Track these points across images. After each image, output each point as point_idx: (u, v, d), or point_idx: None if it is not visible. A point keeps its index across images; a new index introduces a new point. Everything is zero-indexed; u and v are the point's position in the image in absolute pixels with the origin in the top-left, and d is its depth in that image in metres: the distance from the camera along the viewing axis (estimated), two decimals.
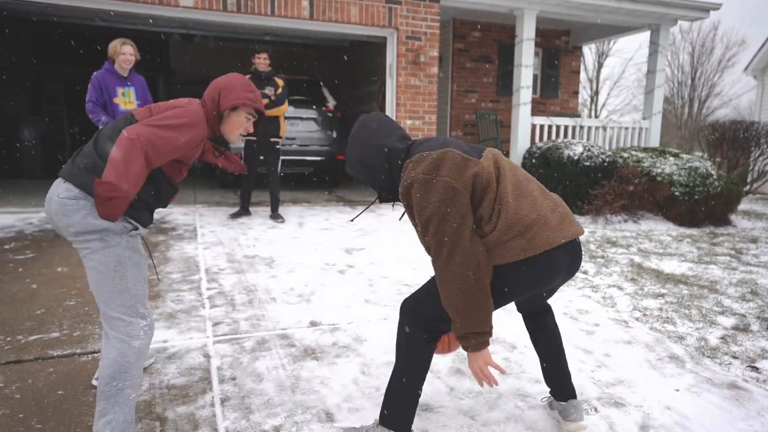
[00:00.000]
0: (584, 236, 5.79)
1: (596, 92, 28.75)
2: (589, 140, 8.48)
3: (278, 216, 5.98)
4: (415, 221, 1.84)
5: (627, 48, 42.95)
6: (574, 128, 8.46)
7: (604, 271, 4.55)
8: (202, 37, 10.56)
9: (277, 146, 5.87)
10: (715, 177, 6.95)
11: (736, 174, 8.74)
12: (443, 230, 1.72)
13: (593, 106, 28.77)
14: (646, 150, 7.68)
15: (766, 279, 4.42)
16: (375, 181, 1.97)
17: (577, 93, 11.60)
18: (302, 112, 7.83)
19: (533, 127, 8.31)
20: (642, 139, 8.94)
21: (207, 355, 2.74)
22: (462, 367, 2.72)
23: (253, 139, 5.67)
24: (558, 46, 11.04)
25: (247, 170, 5.83)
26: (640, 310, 3.63)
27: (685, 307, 3.71)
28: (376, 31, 7.38)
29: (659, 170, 6.94)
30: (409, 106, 7.57)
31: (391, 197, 1.99)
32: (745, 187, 9.72)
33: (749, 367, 2.85)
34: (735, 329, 3.35)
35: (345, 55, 10.57)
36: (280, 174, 6.12)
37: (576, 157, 6.95)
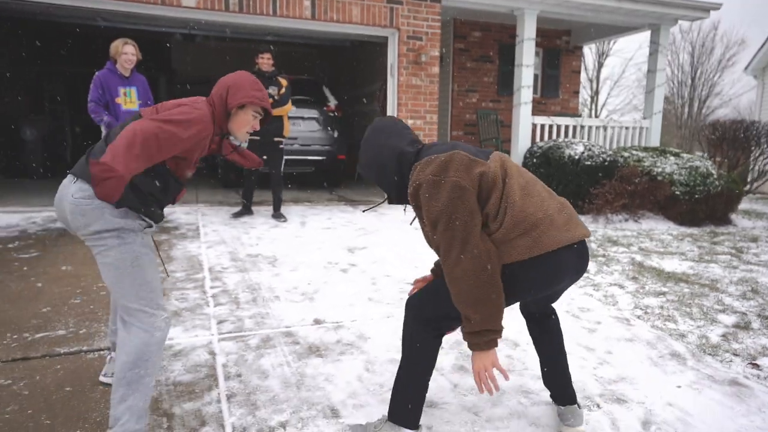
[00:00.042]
0: None
1: (596, 92, 28.79)
2: (589, 140, 8.50)
3: (280, 215, 6.01)
4: (424, 221, 1.86)
5: (627, 48, 43.04)
6: (574, 128, 8.48)
7: (606, 269, 4.57)
8: (203, 37, 10.59)
9: (281, 146, 5.89)
10: (715, 176, 6.97)
11: (737, 173, 8.76)
12: (453, 228, 1.74)
13: (593, 106, 28.81)
14: (646, 149, 7.71)
15: (767, 277, 4.45)
16: (385, 183, 2.00)
17: (577, 93, 11.63)
18: (304, 112, 7.85)
19: (534, 126, 8.34)
20: (642, 139, 8.97)
21: (212, 353, 2.76)
22: (465, 365, 2.74)
23: (257, 139, 5.68)
24: (558, 46, 11.06)
25: (249, 170, 5.89)
26: (641, 309, 3.66)
27: (686, 306, 3.73)
28: (377, 30, 7.41)
29: (660, 170, 6.97)
30: (410, 106, 7.60)
31: (401, 199, 2.02)
32: (745, 187, 9.74)
33: (750, 364, 2.87)
34: (736, 327, 3.37)
35: (346, 55, 10.60)
36: (282, 173, 6.13)
37: (577, 157, 6.98)
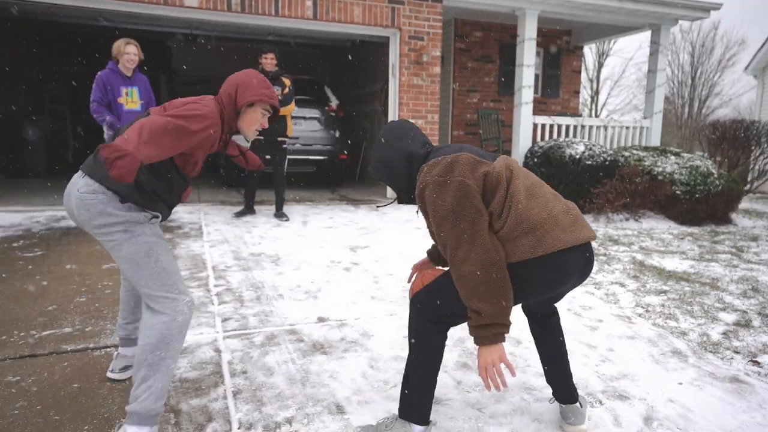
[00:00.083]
0: None
1: (597, 92, 28.81)
2: (590, 139, 8.53)
3: (283, 214, 6.03)
4: (430, 221, 1.88)
5: (627, 48, 43.06)
6: (575, 127, 8.51)
7: (607, 268, 4.60)
8: (204, 37, 10.61)
9: (284, 145, 5.92)
10: (715, 176, 7.00)
11: (737, 173, 8.79)
12: (460, 225, 1.76)
13: (594, 106, 28.83)
14: (647, 149, 7.74)
15: (767, 276, 4.47)
16: (395, 183, 2.04)
17: (578, 92, 11.66)
18: (305, 112, 7.87)
19: (535, 126, 8.36)
20: (643, 139, 8.99)
21: (218, 350, 2.79)
22: (468, 362, 2.76)
23: (261, 138, 5.71)
24: (559, 46, 11.09)
25: (252, 169, 5.91)
26: (642, 307, 3.68)
27: (687, 304, 3.75)
28: (379, 31, 7.43)
29: (660, 169, 6.99)
30: (411, 106, 7.62)
31: (410, 199, 2.05)
32: (745, 186, 9.77)
33: (751, 361, 2.90)
34: (736, 325, 3.40)
35: (347, 55, 10.62)
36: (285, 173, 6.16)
37: (578, 156, 7.00)
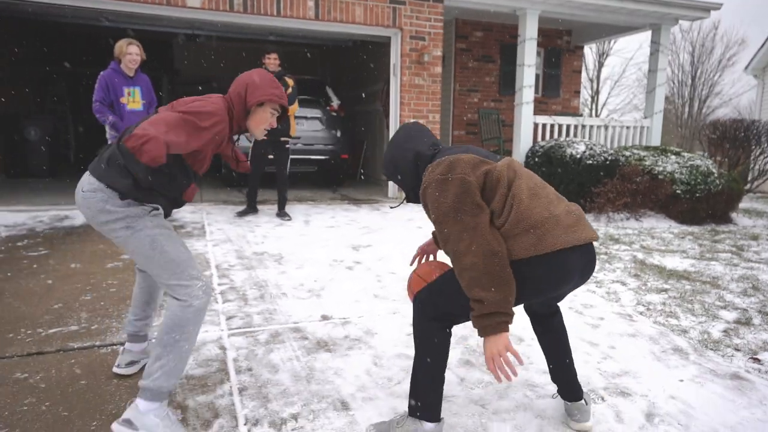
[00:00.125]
0: None
1: (597, 92, 28.81)
2: (591, 139, 8.55)
3: (285, 214, 6.06)
4: (432, 218, 1.91)
5: (627, 47, 43.07)
6: (576, 127, 8.53)
7: (608, 267, 4.62)
8: (206, 37, 10.63)
9: (287, 145, 5.94)
10: (716, 175, 7.02)
11: (737, 172, 8.81)
12: (462, 220, 1.79)
13: (594, 106, 28.84)
14: (647, 148, 7.76)
15: (767, 275, 4.49)
16: (404, 183, 2.09)
17: (578, 92, 11.68)
18: (307, 112, 7.90)
19: (535, 126, 8.39)
20: (643, 138, 9.02)
21: (222, 347, 2.81)
22: (471, 359, 2.79)
23: (264, 138, 5.73)
24: (560, 46, 11.11)
25: (254, 169, 5.94)
26: (643, 305, 3.71)
27: (687, 302, 3.78)
28: (380, 31, 7.45)
29: (661, 168, 7.01)
30: (413, 105, 7.65)
31: (417, 198, 2.09)
32: (745, 186, 9.79)
33: (751, 358, 2.92)
34: (737, 323, 3.42)
35: (348, 55, 10.65)
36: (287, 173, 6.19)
37: (578, 156, 7.02)
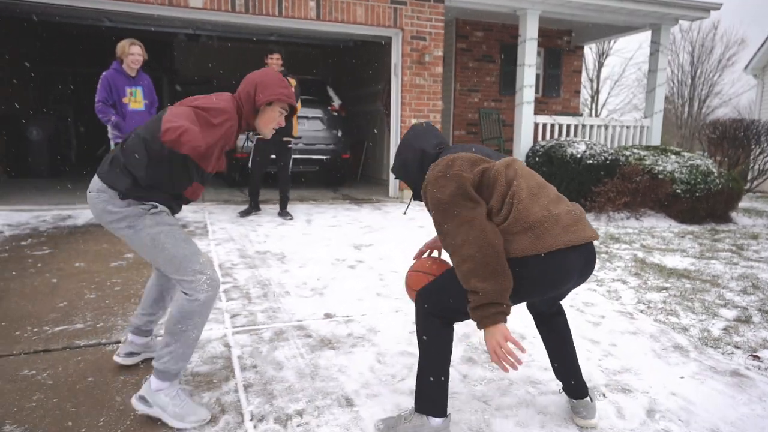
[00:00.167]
0: None
1: (597, 91, 28.85)
2: (591, 139, 8.58)
3: (287, 213, 6.08)
4: (432, 214, 1.95)
5: (627, 47, 43.12)
6: (576, 127, 8.56)
7: (609, 266, 4.65)
8: (206, 37, 10.66)
9: (289, 145, 5.97)
10: (716, 175, 7.05)
11: (737, 172, 8.84)
12: (459, 214, 1.83)
13: (594, 106, 28.88)
14: (647, 148, 7.78)
15: (767, 273, 4.52)
16: (411, 181, 2.13)
17: (578, 92, 11.71)
18: (308, 112, 7.93)
19: (536, 125, 8.41)
20: (643, 138, 9.04)
21: (227, 345, 2.84)
22: (474, 356, 2.82)
23: (266, 138, 5.76)
24: (560, 46, 11.14)
25: (256, 168, 5.96)
26: (644, 303, 3.73)
27: (688, 300, 3.80)
28: (381, 31, 7.48)
29: (661, 168, 7.04)
30: (414, 105, 7.67)
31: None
32: (745, 185, 9.82)
33: (751, 356, 2.95)
34: (737, 321, 3.45)
35: (349, 55, 10.67)
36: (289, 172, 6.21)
37: (579, 155, 7.05)
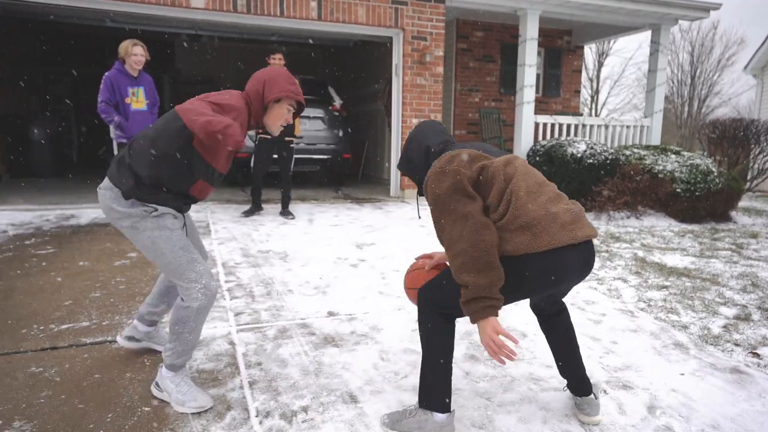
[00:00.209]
0: None
1: (596, 91, 28.89)
2: (591, 138, 8.61)
3: (288, 213, 6.11)
4: (430, 209, 1.98)
5: (627, 47, 43.16)
6: (576, 126, 8.58)
7: (609, 264, 4.67)
8: (207, 37, 10.68)
9: (291, 145, 6.00)
10: (715, 174, 7.07)
11: (737, 171, 8.86)
12: (455, 209, 1.86)
13: (593, 105, 28.92)
14: (647, 148, 7.81)
15: (767, 272, 4.55)
16: (415, 176, 2.16)
17: (578, 92, 11.73)
18: (309, 111, 7.96)
19: (536, 125, 8.44)
20: (643, 137, 9.07)
21: (232, 343, 2.86)
22: (476, 354, 2.84)
23: (269, 138, 5.78)
24: (560, 46, 11.17)
25: (258, 168, 5.99)
26: (644, 301, 3.76)
27: (688, 298, 3.83)
28: (382, 31, 7.50)
29: (661, 167, 7.07)
30: (414, 105, 7.70)
31: None
32: (745, 185, 9.84)
33: (751, 353, 2.97)
34: (737, 319, 3.48)
35: (350, 55, 10.69)
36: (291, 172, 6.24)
37: (579, 155, 7.08)
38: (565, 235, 1.86)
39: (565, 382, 2.35)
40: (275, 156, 5.97)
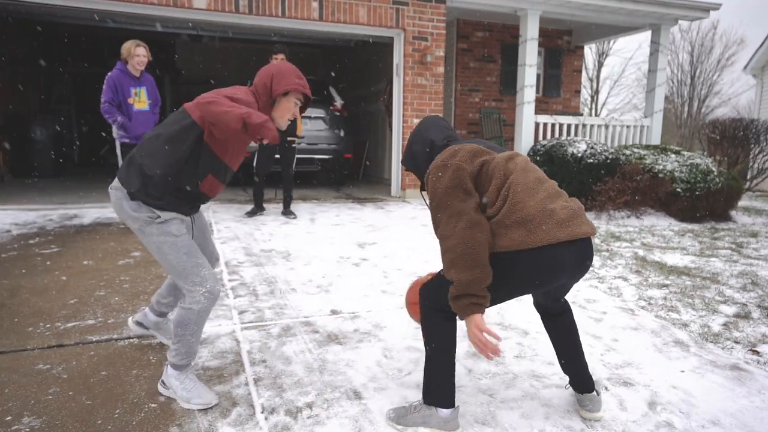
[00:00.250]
0: None
1: (596, 91, 28.92)
2: (591, 138, 8.63)
3: (290, 212, 6.14)
4: (429, 202, 2.01)
5: (627, 47, 43.21)
6: (576, 126, 8.61)
7: (609, 263, 4.70)
8: (208, 37, 10.71)
9: (293, 145, 6.02)
10: (715, 174, 7.10)
11: (736, 171, 8.89)
12: (451, 204, 1.89)
13: (593, 105, 28.94)
14: (647, 147, 7.84)
15: (766, 271, 4.58)
16: (419, 171, 2.18)
17: (578, 92, 11.76)
18: (310, 111, 7.99)
19: (537, 125, 8.47)
20: (643, 137, 9.10)
21: (236, 340, 2.89)
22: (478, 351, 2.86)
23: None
24: (560, 46, 11.19)
25: (261, 168, 6.01)
26: (645, 300, 3.79)
27: (688, 297, 3.86)
28: (383, 31, 7.53)
29: (661, 167, 7.09)
30: (415, 105, 7.73)
31: None
32: (744, 184, 9.87)
33: (750, 350, 3.00)
34: (736, 317, 3.50)
35: (351, 55, 10.72)
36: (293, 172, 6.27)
37: (579, 155, 7.10)
38: (561, 231, 1.86)
39: (567, 378, 2.38)
40: (277, 156, 6.00)
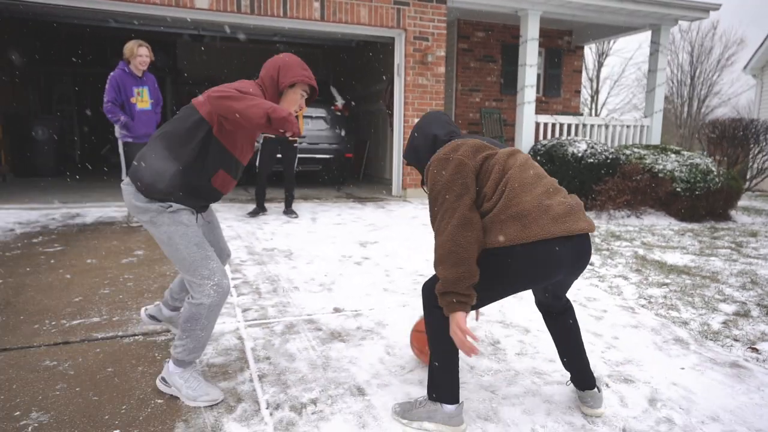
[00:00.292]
0: None
1: (596, 91, 28.95)
2: (591, 138, 8.66)
3: (292, 212, 6.16)
4: (428, 196, 2.03)
5: (627, 47, 43.20)
6: (577, 126, 8.64)
7: (610, 262, 4.73)
8: (210, 37, 10.74)
9: (295, 144, 6.05)
10: (715, 173, 7.13)
11: (736, 170, 8.91)
12: (448, 199, 1.91)
13: (593, 105, 28.97)
14: (647, 147, 7.87)
15: (766, 270, 4.60)
16: (421, 165, 2.20)
17: (579, 92, 11.79)
18: (311, 111, 8.02)
19: (537, 125, 8.50)
20: (643, 137, 9.13)
21: (240, 338, 2.92)
22: (480, 348, 2.89)
23: (272, 138, 5.83)
24: (560, 46, 11.23)
25: (263, 168, 6.04)
26: (645, 298, 3.81)
27: (688, 295, 3.89)
28: (384, 31, 7.56)
29: (661, 167, 7.12)
30: (416, 105, 7.76)
31: None
32: (744, 184, 9.89)
33: (750, 348, 3.03)
34: (736, 315, 3.53)
35: (352, 55, 10.74)
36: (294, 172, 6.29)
37: (580, 154, 7.13)
38: (557, 227, 1.86)
39: (568, 375, 2.40)
40: (279, 156, 6.02)
